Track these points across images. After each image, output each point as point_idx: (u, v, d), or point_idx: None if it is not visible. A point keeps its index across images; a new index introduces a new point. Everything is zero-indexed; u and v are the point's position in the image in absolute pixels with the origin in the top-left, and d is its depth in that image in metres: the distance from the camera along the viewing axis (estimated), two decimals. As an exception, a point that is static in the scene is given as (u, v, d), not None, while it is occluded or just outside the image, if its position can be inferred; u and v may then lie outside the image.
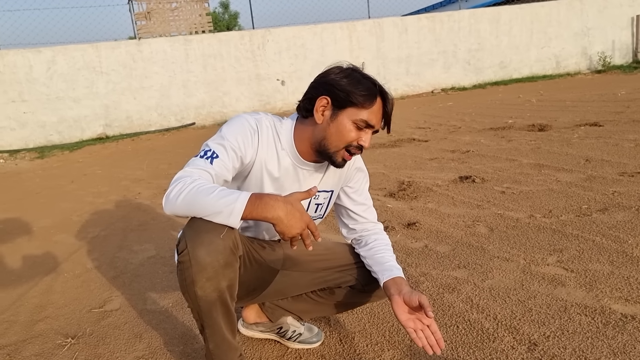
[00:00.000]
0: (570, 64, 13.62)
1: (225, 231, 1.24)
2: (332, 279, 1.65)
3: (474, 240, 2.62)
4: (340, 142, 1.39)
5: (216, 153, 1.33)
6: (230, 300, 1.33)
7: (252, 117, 1.44)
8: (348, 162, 1.57)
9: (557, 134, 5.25)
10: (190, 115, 10.73)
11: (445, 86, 12.74)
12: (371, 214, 1.66)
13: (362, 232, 1.65)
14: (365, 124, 1.38)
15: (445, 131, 6.47)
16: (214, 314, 1.31)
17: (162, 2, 10.48)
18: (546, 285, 2.01)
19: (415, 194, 3.61)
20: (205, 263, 1.23)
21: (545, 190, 3.34)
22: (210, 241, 1.23)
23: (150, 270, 2.70)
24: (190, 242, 1.24)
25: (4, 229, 3.89)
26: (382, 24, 12.05)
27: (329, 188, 1.58)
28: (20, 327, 2.13)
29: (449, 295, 2.02)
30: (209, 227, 1.23)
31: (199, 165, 1.30)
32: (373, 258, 1.57)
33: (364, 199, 1.65)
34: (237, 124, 1.41)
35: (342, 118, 1.38)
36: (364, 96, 1.36)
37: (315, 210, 1.59)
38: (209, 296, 1.27)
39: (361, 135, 1.39)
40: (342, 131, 1.38)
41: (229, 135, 1.37)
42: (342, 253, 1.68)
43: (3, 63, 9.24)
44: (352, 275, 1.64)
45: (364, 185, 1.65)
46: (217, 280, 1.26)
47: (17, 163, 8.04)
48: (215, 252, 1.23)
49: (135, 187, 5.03)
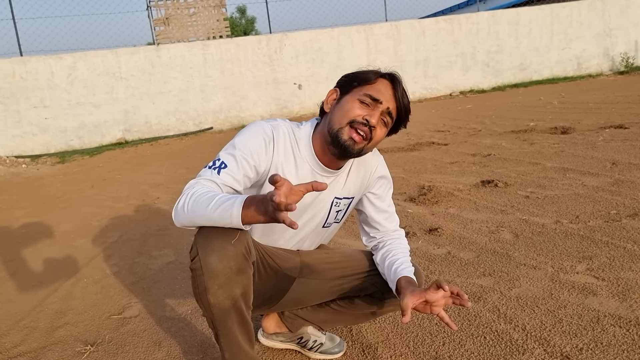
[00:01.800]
0: (592, 65, 13.38)
1: (237, 236, 1.22)
2: (350, 287, 1.60)
3: (499, 246, 2.54)
4: (343, 118, 1.35)
5: (225, 163, 1.31)
6: (245, 308, 1.30)
7: (268, 124, 1.41)
8: (371, 169, 1.52)
9: (581, 137, 5.13)
10: (208, 119, 10.79)
11: (464, 89, 12.61)
12: (392, 222, 1.61)
13: (381, 240, 1.60)
14: (370, 98, 1.35)
15: (465, 134, 6.38)
16: (228, 322, 1.28)
17: (181, 8, 10.57)
18: (576, 295, 1.94)
19: (436, 198, 3.55)
20: (217, 270, 1.20)
21: (571, 195, 3.25)
22: (221, 247, 1.21)
23: (169, 276, 2.68)
24: (201, 249, 1.22)
25: (26, 233, 3.93)
26: (399, 26, 11.98)
27: (350, 195, 1.54)
28: (40, 334, 2.12)
29: (474, 304, 1.95)
30: (219, 232, 1.21)
31: (205, 176, 1.29)
32: (384, 264, 1.52)
33: (386, 206, 1.60)
34: (250, 132, 1.38)
35: (346, 98, 1.38)
36: (366, 74, 1.37)
37: (335, 217, 1.56)
38: (222, 304, 1.24)
39: (367, 111, 1.35)
40: (344, 107, 1.36)
41: (240, 144, 1.34)
42: (361, 260, 1.62)
43: (26, 70, 9.40)
44: (371, 283, 1.58)
45: (387, 192, 1.60)
46: (229, 287, 1.23)
47: (38, 168, 8.15)
48: (227, 258, 1.21)
49: (154, 191, 5.04)
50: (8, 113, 9.36)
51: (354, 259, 1.63)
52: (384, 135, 1.42)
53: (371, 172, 1.54)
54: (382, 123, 1.39)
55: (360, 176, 1.53)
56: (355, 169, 1.52)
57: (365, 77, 1.37)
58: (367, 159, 1.52)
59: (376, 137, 1.38)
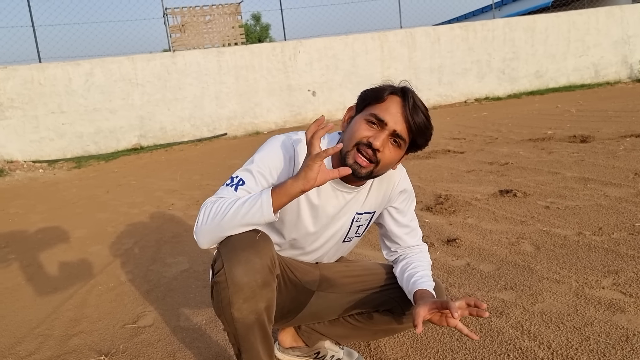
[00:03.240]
0: (609, 72, 13.19)
1: (260, 234, 1.21)
2: (369, 301, 1.56)
3: (520, 259, 2.48)
4: (350, 141, 1.30)
5: (242, 180, 1.29)
6: (268, 322, 1.27)
7: (289, 140, 1.37)
8: (393, 183, 1.49)
9: (601, 146, 5.03)
10: (222, 125, 10.82)
11: (479, 96, 12.50)
12: (414, 236, 1.56)
13: (402, 254, 1.56)
14: (376, 119, 1.28)
15: (482, 142, 6.30)
16: (251, 337, 1.25)
17: (196, 15, 10.65)
18: (603, 311, 1.87)
19: (454, 208, 3.49)
20: (243, 283, 1.17)
21: (593, 206, 3.17)
22: (248, 260, 1.18)
23: (184, 284, 2.66)
24: (227, 262, 1.19)
25: (42, 238, 3.94)
26: (414, 33, 11.94)
27: (371, 209, 1.50)
28: (54, 342, 2.11)
29: (496, 320, 1.90)
30: (245, 244, 1.18)
31: (222, 195, 1.27)
32: (403, 276, 1.47)
33: (408, 220, 1.55)
34: (270, 147, 1.36)
35: (357, 118, 1.33)
36: (376, 92, 1.31)
37: (355, 232, 1.53)
38: (246, 318, 1.21)
39: (373, 133, 1.28)
40: (352, 128, 1.32)
41: (259, 160, 1.33)
42: (380, 274, 1.58)
43: (44, 76, 9.52)
44: (390, 297, 1.53)
45: (408, 206, 1.55)
46: (254, 301, 1.20)
47: (55, 173, 8.22)
48: (253, 271, 1.18)
49: (169, 198, 5.05)
50: (26, 118, 9.48)
51: (373, 272, 1.59)
52: (396, 156, 1.33)
53: (393, 186, 1.50)
54: (393, 145, 1.31)
55: (382, 191, 1.49)
56: (377, 184, 1.48)
57: (376, 95, 1.31)
58: (389, 173, 1.47)
59: (385, 160, 1.30)
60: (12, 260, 3.42)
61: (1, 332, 2.26)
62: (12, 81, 9.32)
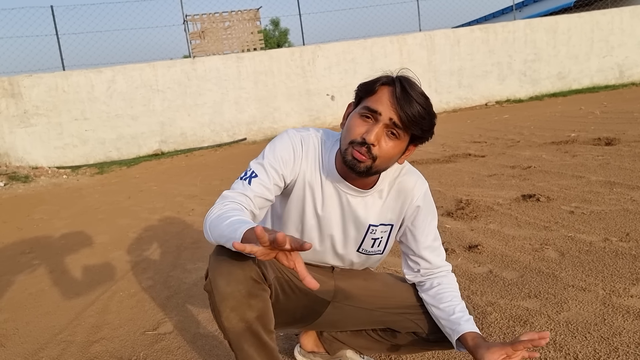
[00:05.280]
0: (635, 73, 12.91)
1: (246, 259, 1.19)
2: (392, 321, 1.51)
3: (544, 265, 2.42)
4: (345, 138, 1.27)
5: (255, 173, 1.30)
6: (263, 331, 1.24)
7: (298, 135, 1.37)
8: (411, 196, 1.42)
9: (627, 149, 4.91)
10: (241, 131, 10.89)
11: (500, 98, 12.35)
12: (437, 257, 1.46)
13: (427, 276, 1.47)
14: (369, 111, 1.23)
15: (503, 145, 6.21)
16: (244, 346, 1.24)
17: (216, 22, 10.75)
18: (632, 321, 1.81)
19: (475, 213, 3.43)
20: (226, 293, 1.17)
21: (619, 211, 3.08)
22: (229, 271, 1.18)
23: (203, 290, 2.66)
24: (211, 272, 1.21)
25: (65, 244, 4.00)
26: (433, 36, 11.86)
27: (388, 222, 1.44)
28: (76, 348, 2.13)
29: (520, 329, 1.85)
30: (229, 255, 1.19)
31: (237, 189, 1.28)
32: (439, 308, 1.40)
33: (430, 240, 1.45)
34: (280, 141, 1.35)
35: (352, 113, 1.29)
36: (367, 84, 1.26)
37: (372, 245, 1.46)
38: (235, 327, 1.20)
39: (367, 127, 1.23)
40: (348, 125, 1.28)
41: (270, 153, 1.33)
42: (404, 293, 1.51)
43: (67, 83, 9.72)
44: (415, 322, 1.48)
45: (428, 223, 1.45)
46: (242, 310, 1.19)
47: (78, 179, 8.37)
48: (235, 282, 1.18)
49: (189, 203, 5.08)
50: (51, 125, 9.68)
51: (395, 290, 1.53)
52: (395, 149, 1.25)
53: (411, 201, 1.42)
54: (390, 137, 1.24)
55: (400, 202, 1.42)
56: (395, 194, 1.42)
57: (368, 88, 1.26)
58: (409, 186, 1.41)
59: (382, 154, 1.24)
60: (36, 265, 3.48)
61: (25, 337, 2.30)
62: (37, 89, 9.53)
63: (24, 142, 9.53)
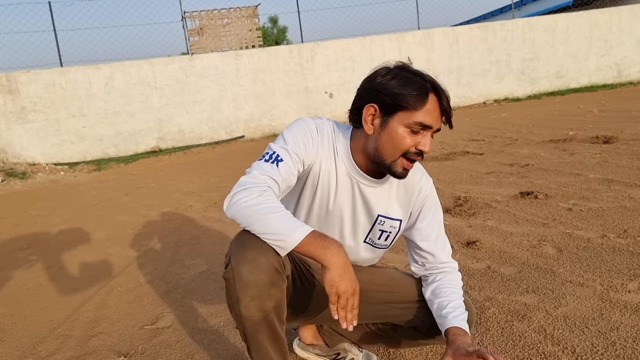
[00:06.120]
0: (633, 72, 12.94)
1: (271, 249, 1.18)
2: (394, 315, 1.52)
3: (542, 261, 2.43)
4: (395, 151, 1.27)
5: (280, 156, 1.26)
6: (277, 322, 1.25)
7: (313, 122, 1.36)
8: (417, 190, 1.43)
9: (625, 147, 4.92)
10: (239, 128, 10.88)
11: (498, 97, 12.36)
12: (441, 251, 1.47)
13: (431, 270, 1.48)
14: (421, 126, 1.25)
15: (501, 143, 6.22)
16: (259, 336, 1.24)
17: (214, 19, 10.73)
18: (630, 316, 1.82)
19: (473, 210, 3.44)
20: (249, 281, 1.16)
21: (617, 208, 3.09)
22: (254, 259, 1.16)
23: (202, 286, 2.66)
24: (234, 259, 1.18)
25: (63, 240, 4.00)
26: (432, 34, 11.86)
27: (397, 216, 1.44)
28: (74, 342, 2.13)
29: (518, 324, 1.85)
30: (254, 243, 1.17)
31: (265, 171, 1.24)
32: (434, 302, 1.41)
33: (435, 233, 1.46)
34: (298, 128, 1.34)
35: (393, 124, 1.26)
36: (414, 97, 1.23)
37: (378, 237, 1.46)
38: (253, 316, 1.20)
39: (418, 139, 1.26)
40: (394, 139, 1.26)
41: (290, 139, 1.30)
42: (408, 288, 1.52)
43: (65, 80, 9.69)
44: (416, 315, 1.48)
45: (432, 215, 1.46)
46: (262, 299, 1.19)
47: (76, 175, 8.35)
48: (259, 270, 1.16)
49: (187, 200, 5.08)
50: (48, 122, 9.65)
51: (401, 285, 1.53)
52: None
53: (419, 192, 1.44)
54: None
55: (408, 196, 1.44)
56: (403, 189, 1.44)
57: (413, 101, 1.24)
58: (415, 180, 1.43)
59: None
60: (34, 261, 3.47)
61: (23, 332, 2.29)
62: (34, 85, 9.50)
63: (21, 139, 9.50)
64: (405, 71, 1.29)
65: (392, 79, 1.27)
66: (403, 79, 1.26)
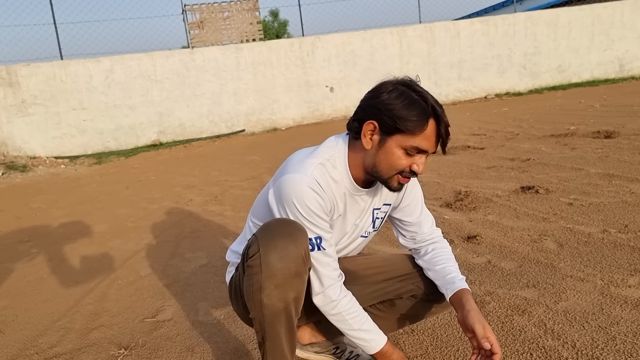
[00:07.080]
0: (635, 67, 12.89)
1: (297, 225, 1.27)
2: (393, 290, 1.58)
3: (542, 256, 2.43)
4: (390, 170, 1.33)
5: (319, 237, 1.33)
6: (294, 314, 1.29)
7: (310, 189, 1.29)
8: None
9: (626, 142, 4.91)
10: (240, 122, 10.86)
11: (500, 91, 12.33)
12: (427, 221, 1.58)
13: (420, 242, 1.58)
14: (417, 150, 1.30)
15: (502, 138, 6.20)
16: (277, 326, 1.26)
17: (215, 12, 10.68)
18: (630, 310, 1.82)
19: (474, 204, 3.44)
20: (276, 269, 1.19)
21: (618, 203, 3.09)
22: (284, 247, 1.20)
23: (202, 279, 2.67)
24: (263, 247, 1.21)
25: (64, 233, 4.00)
26: (433, 28, 11.81)
27: (389, 201, 1.53)
28: (75, 335, 2.13)
29: (518, 318, 1.86)
30: (283, 231, 1.21)
31: (324, 263, 1.34)
32: (434, 270, 1.50)
33: (419, 206, 1.57)
34: (308, 202, 1.29)
35: (391, 144, 1.30)
36: (413, 122, 1.26)
37: (373, 225, 1.54)
38: (274, 305, 1.22)
39: (414, 160, 1.31)
40: (390, 159, 1.31)
41: (312, 217, 1.31)
42: (401, 262, 1.61)
43: (66, 73, 9.67)
44: (414, 284, 1.57)
45: (415, 193, 1.57)
46: (285, 289, 1.22)
47: (76, 169, 8.35)
48: (288, 259, 1.20)
49: (188, 193, 5.08)
50: (49, 115, 9.63)
51: (393, 262, 1.62)
52: None
53: None
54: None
55: None
56: None
57: (412, 127, 1.26)
58: None
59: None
60: (34, 254, 3.47)
61: (24, 324, 2.30)
62: (34, 78, 9.48)
63: (21, 132, 9.49)
64: (410, 90, 1.29)
65: (396, 98, 1.27)
66: (407, 100, 1.27)
